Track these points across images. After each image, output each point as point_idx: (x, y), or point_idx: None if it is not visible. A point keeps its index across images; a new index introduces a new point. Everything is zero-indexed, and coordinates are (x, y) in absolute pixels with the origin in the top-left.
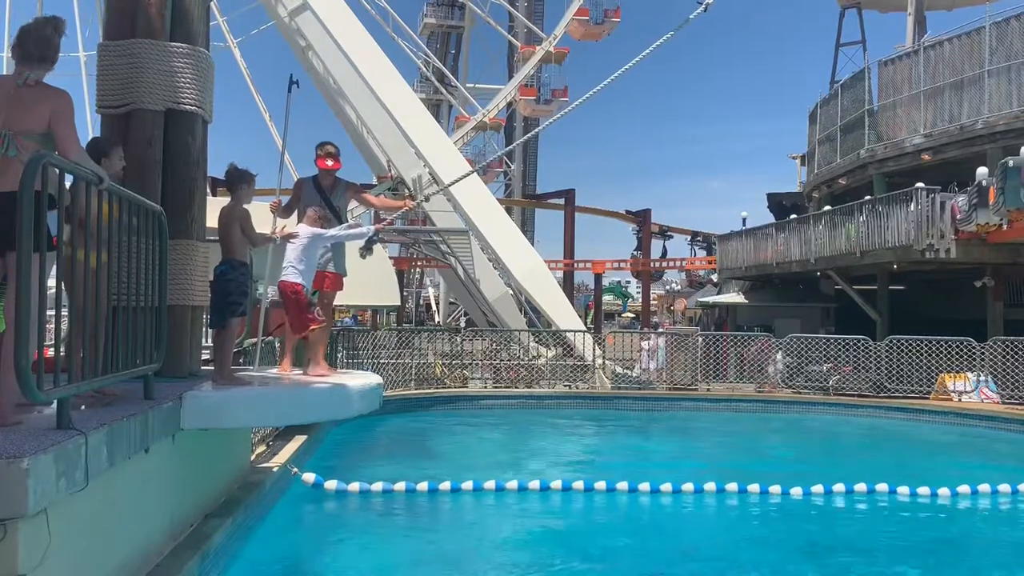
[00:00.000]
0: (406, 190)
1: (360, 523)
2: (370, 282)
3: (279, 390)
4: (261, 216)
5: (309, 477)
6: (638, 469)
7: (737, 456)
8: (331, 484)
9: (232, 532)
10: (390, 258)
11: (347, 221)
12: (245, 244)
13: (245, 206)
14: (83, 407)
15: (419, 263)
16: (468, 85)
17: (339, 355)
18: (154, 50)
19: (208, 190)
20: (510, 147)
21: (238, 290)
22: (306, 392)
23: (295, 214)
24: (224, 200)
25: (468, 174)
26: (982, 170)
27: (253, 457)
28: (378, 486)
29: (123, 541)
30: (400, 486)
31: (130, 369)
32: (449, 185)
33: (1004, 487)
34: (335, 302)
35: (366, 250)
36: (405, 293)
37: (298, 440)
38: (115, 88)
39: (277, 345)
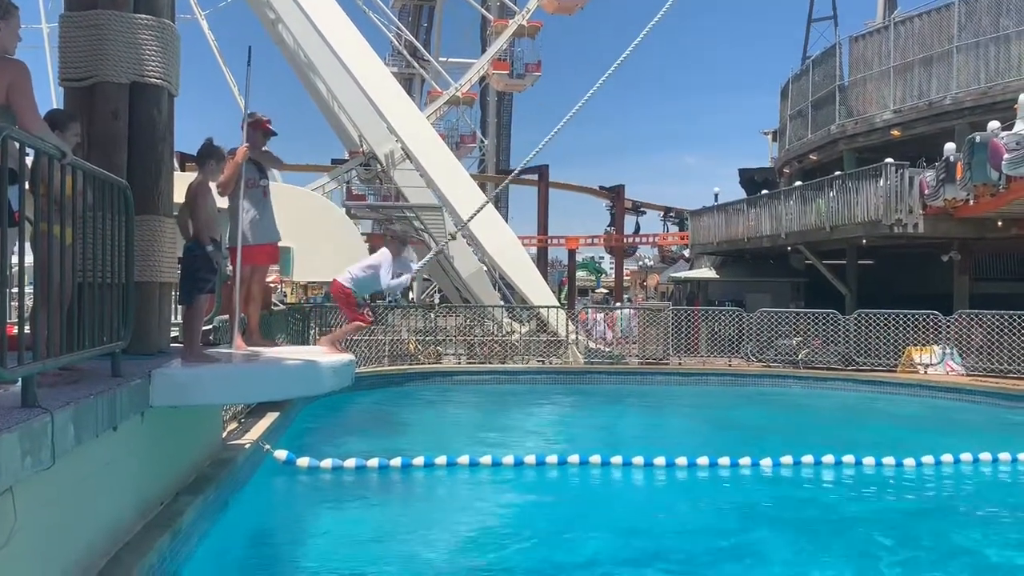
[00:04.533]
0: (379, 165)
1: (333, 499)
2: (343, 259)
3: (249, 367)
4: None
5: (281, 454)
6: (611, 443)
7: (707, 429)
8: (303, 461)
9: (203, 509)
10: (363, 234)
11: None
12: (215, 219)
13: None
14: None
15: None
16: (441, 59)
17: (312, 332)
18: (118, 21)
19: (176, 165)
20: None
21: (206, 266)
22: (276, 369)
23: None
24: (192, 175)
25: (483, 206)
26: (950, 146)
27: (225, 434)
28: (351, 462)
29: (91, 520)
30: (373, 462)
31: (97, 347)
32: (468, 220)
33: (966, 456)
34: (309, 278)
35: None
36: None
37: (270, 417)
38: (78, 60)
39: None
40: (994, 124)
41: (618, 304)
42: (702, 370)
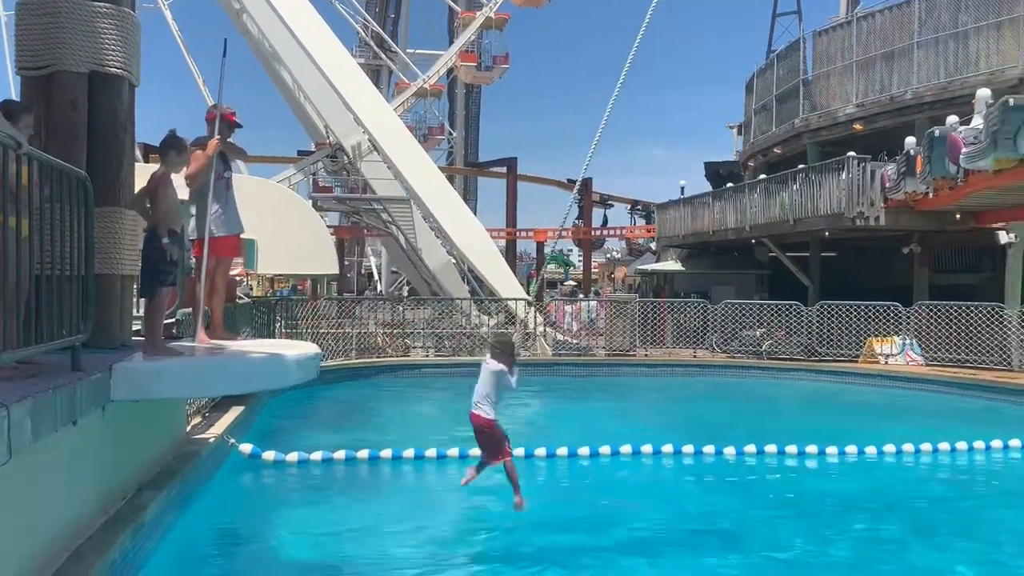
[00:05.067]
0: (345, 157)
1: (299, 493)
2: (308, 252)
3: (212, 360)
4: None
5: (246, 448)
6: (579, 434)
7: (674, 419)
8: (269, 454)
9: (167, 504)
10: (330, 227)
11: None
12: (176, 211)
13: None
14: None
15: (360, 232)
16: (408, 51)
17: (277, 325)
18: (76, 9)
19: (140, 156)
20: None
21: (165, 259)
22: (240, 362)
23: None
24: (156, 167)
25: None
26: (910, 139)
27: (189, 428)
28: (317, 455)
29: (51, 515)
30: (340, 455)
31: (56, 340)
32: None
33: (926, 446)
34: (274, 271)
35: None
36: (346, 262)
37: (235, 411)
38: (35, 49)
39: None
40: (953, 119)
41: (582, 296)
42: (668, 361)
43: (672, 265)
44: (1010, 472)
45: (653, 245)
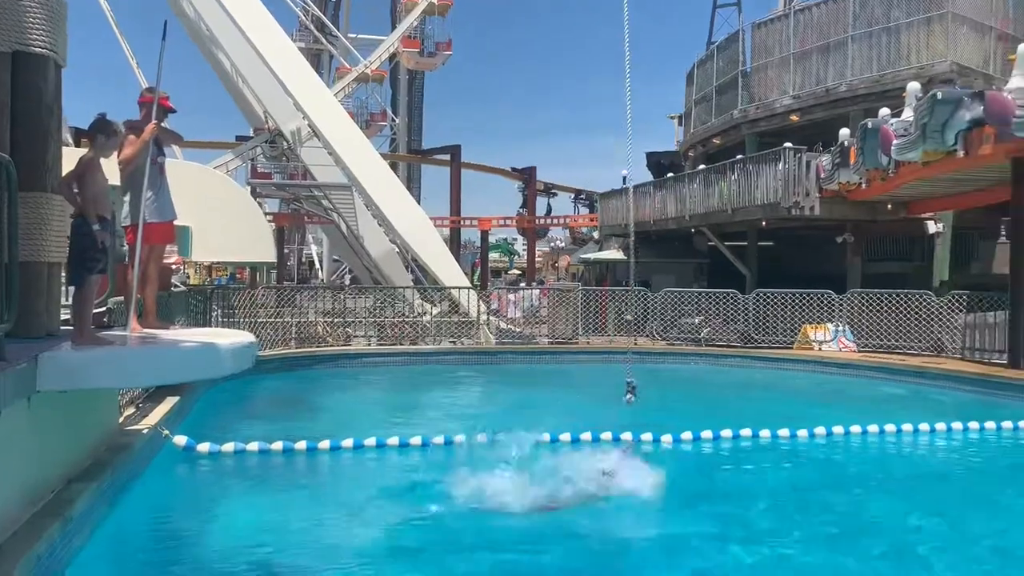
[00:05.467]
0: (285, 143)
1: (234, 485)
2: (245, 239)
3: (143, 350)
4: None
5: (181, 439)
6: (522, 421)
7: (612, 406)
8: (204, 446)
9: (97, 497)
10: (269, 214)
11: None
12: (106, 196)
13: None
14: None
15: (301, 219)
16: (350, 35)
17: (214, 314)
18: None
19: (71, 140)
20: None
21: (94, 246)
22: (172, 352)
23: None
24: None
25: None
26: (844, 131)
27: (121, 420)
28: (254, 446)
29: None
30: (277, 446)
31: None
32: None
33: (855, 428)
34: (210, 259)
35: None
36: (286, 250)
37: (169, 402)
38: None
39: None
40: (885, 111)
41: (523, 285)
42: (609, 348)
43: (614, 254)
44: (934, 455)
45: (596, 234)
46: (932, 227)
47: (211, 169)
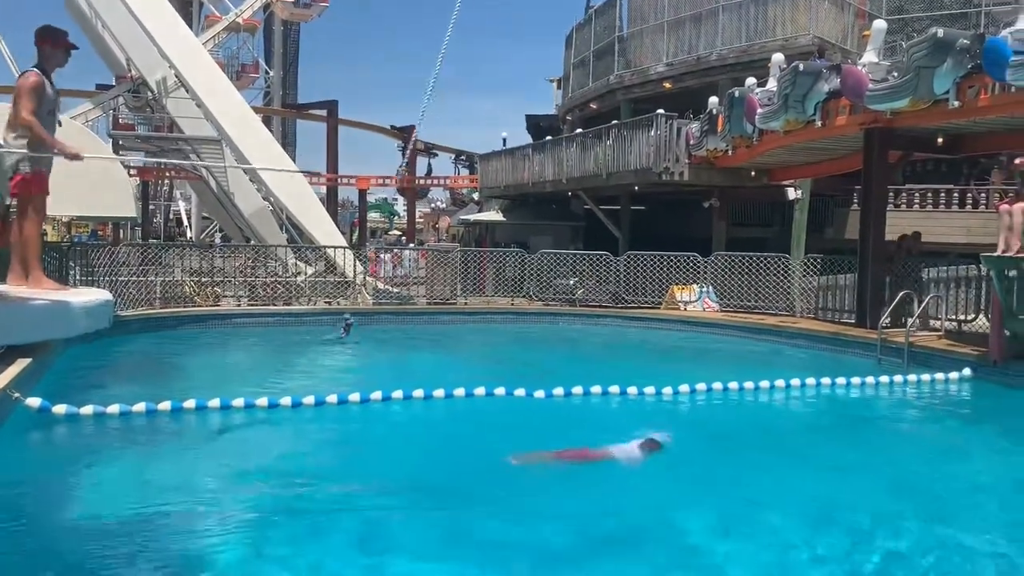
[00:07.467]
0: (149, 93)
1: (93, 448)
2: (102, 193)
3: None
4: None
5: (34, 401)
6: (392, 380)
7: (488, 364)
8: (60, 408)
9: None
10: (131, 167)
11: None
12: None
13: None
14: None
15: (167, 174)
16: None
17: (71, 272)
18: None
19: None
20: None
21: None
22: (21, 310)
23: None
24: None
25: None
26: (713, 99)
27: None
28: (115, 408)
29: None
30: (140, 407)
31: None
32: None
33: (717, 385)
34: (65, 213)
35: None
36: (152, 206)
37: (21, 363)
38: None
39: None
40: (751, 80)
41: (400, 246)
42: (487, 309)
43: (493, 216)
44: (779, 407)
45: (476, 196)
46: (792, 194)
47: (66, 118)
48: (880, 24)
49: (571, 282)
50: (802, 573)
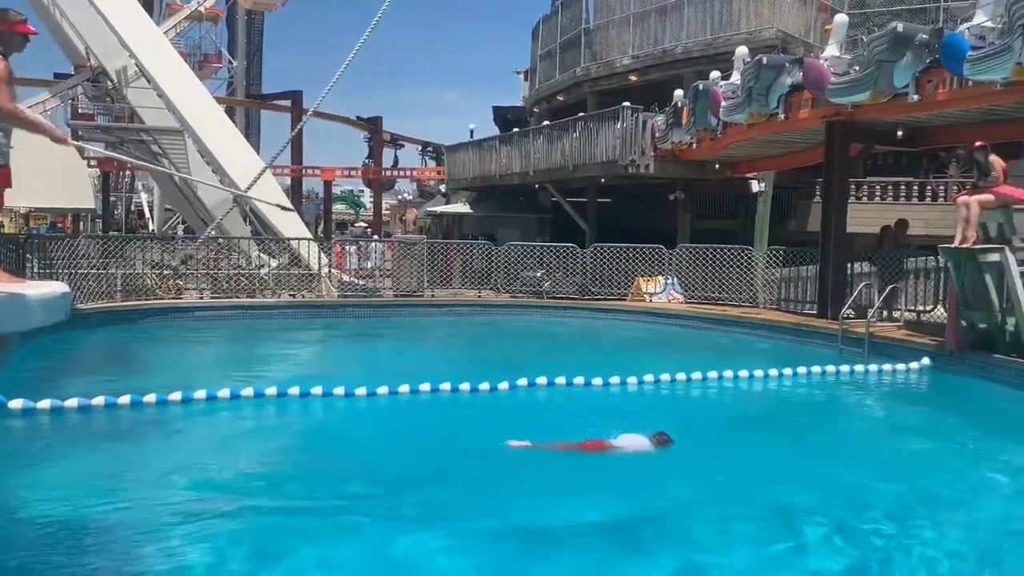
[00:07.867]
0: (109, 82)
1: (50, 442)
2: (59, 184)
3: None
4: None
5: None
6: (358, 374)
7: (453, 357)
8: (16, 403)
9: None
10: (89, 159)
11: None
12: None
13: None
14: None
15: (128, 165)
16: None
17: (29, 265)
18: None
19: None
20: None
21: None
22: None
23: None
24: None
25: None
26: (678, 92)
27: None
28: (73, 402)
29: None
30: (99, 401)
31: None
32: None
33: (681, 376)
34: (21, 204)
35: None
36: (113, 198)
37: None
38: None
39: None
40: (715, 74)
41: (367, 237)
42: (454, 301)
43: (461, 208)
44: (743, 396)
45: (443, 187)
46: (755, 186)
47: (25, 108)
48: (842, 18)
49: (538, 274)
50: (756, 548)
